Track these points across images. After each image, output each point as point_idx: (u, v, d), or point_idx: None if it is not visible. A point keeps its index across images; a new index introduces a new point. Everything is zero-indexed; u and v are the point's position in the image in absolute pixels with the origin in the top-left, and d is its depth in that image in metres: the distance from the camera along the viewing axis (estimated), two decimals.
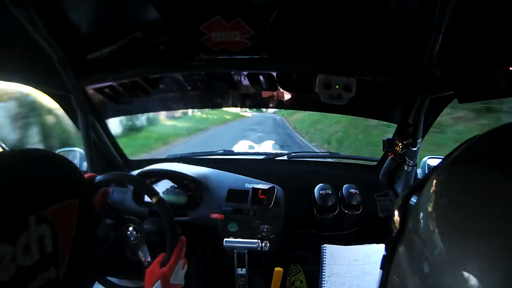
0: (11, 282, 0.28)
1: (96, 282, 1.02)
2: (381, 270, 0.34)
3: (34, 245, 0.30)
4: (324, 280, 0.89)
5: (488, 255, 0.20)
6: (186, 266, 0.80)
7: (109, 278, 1.01)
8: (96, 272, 0.98)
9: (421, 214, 0.27)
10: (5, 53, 0.82)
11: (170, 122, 10.23)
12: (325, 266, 0.90)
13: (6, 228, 0.28)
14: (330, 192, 1.17)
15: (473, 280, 0.20)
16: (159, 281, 0.71)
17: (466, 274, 0.21)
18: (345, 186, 1.19)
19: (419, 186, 0.31)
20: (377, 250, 0.92)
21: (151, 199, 0.88)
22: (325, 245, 0.93)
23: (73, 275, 0.35)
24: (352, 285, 0.88)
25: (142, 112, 1.57)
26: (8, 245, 0.28)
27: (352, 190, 1.18)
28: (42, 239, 0.31)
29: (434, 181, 0.28)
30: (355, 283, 0.88)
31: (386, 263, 0.32)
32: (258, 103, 1.45)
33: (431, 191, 0.28)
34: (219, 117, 12.67)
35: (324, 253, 0.92)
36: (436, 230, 0.25)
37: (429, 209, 0.27)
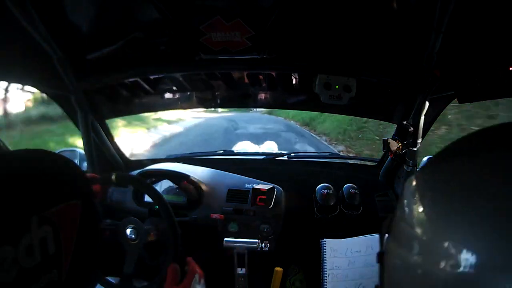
0: (13, 284, 0.27)
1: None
2: (378, 263, 0.38)
3: (36, 247, 0.30)
4: (326, 274, 0.87)
5: (467, 227, 0.25)
6: (202, 280, 0.78)
7: (109, 279, 1.01)
8: (96, 273, 0.98)
9: (405, 202, 0.32)
10: (5, 53, 0.82)
11: None
12: (325, 260, 0.88)
13: (8, 230, 0.28)
14: (332, 192, 1.17)
15: (454, 247, 0.24)
16: None
17: (448, 243, 0.25)
18: (345, 186, 1.19)
19: None
20: (380, 240, 0.89)
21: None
22: (324, 239, 0.91)
23: (76, 277, 0.35)
24: (356, 276, 0.86)
25: (142, 112, 1.57)
26: (10, 247, 0.27)
27: (352, 190, 1.18)
28: (44, 241, 0.31)
29: (416, 175, 0.33)
30: (358, 274, 0.86)
31: (381, 256, 0.37)
32: (258, 103, 1.45)
33: (413, 184, 0.32)
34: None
35: (324, 248, 0.90)
36: (421, 213, 0.29)
37: (413, 198, 0.31)
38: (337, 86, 0.98)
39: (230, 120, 9.39)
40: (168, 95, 1.37)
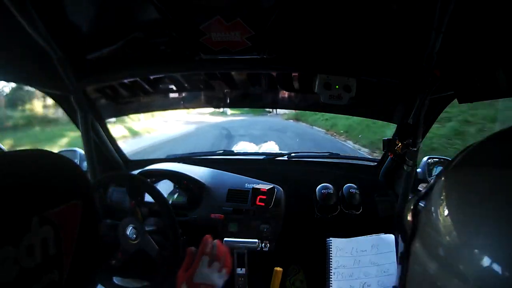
0: (13, 284, 0.27)
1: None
2: (400, 265, 0.37)
3: (37, 247, 0.30)
4: (331, 272, 0.88)
5: (494, 234, 0.24)
6: (216, 263, 0.76)
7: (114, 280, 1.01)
8: (97, 273, 0.98)
9: (433, 209, 0.31)
10: (5, 53, 0.82)
11: None
12: (331, 259, 0.90)
13: (9, 230, 0.28)
14: (332, 192, 1.17)
15: (482, 255, 0.24)
16: (184, 283, 0.71)
17: (477, 251, 0.24)
18: (345, 186, 1.19)
19: (426, 193, 0.34)
20: (385, 240, 0.91)
21: None
22: (330, 238, 0.92)
23: (77, 277, 0.34)
24: (360, 275, 0.88)
25: (142, 112, 1.57)
26: (10, 247, 0.27)
27: (353, 190, 1.18)
28: (45, 241, 0.30)
29: (441, 182, 0.32)
30: (363, 273, 0.88)
31: (404, 258, 0.36)
32: (258, 103, 1.45)
33: (440, 190, 0.31)
34: None
35: (330, 247, 0.91)
36: (448, 220, 0.28)
37: (440, 205, 0.30)
38: (337, 86, 0.98)
39: (226, 136, 6.78)
40: (168, 95, 1.37)
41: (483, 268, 0.23)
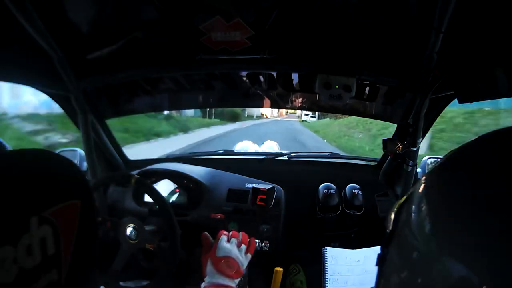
0: (13, 284, 0.27)
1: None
2: (377, 267, 0.37)
3: (36, 247, 0.30)
4: (327, 279, 0.92)
5: (471, 240, 0.23)
6: (234, 240, 0.85)
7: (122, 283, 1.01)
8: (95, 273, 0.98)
9: (413, 208, 0.29)
10: (5, 53, 0.82)
11: None
12: (327, 267, 0.94)
13: (7, 230, 0.28)
14: (334, 192, 1.18)
15: (457, 263, 0.23)
16: (209, 259, 0.78)
17: (451, 259, 0.23)
18: (348, 186, 1.20)
19: (410, 195, 0.32)
20: (377, 252, 0.95)
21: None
22: (326, 248, 0.96)
23: (75, 276, 0.34)
24: (355, 282, 0.91)
25: (142, 112, 1.57)
26: (9, 247, 0.27)
27: (355, 191, 1.18)
28: (44, 241, 0.30)
29: (423, 183, 0.30)
30: (358, 281, 0.92)
31: (381, 260, 0.35)
32: (257, 103, 1.45)
33: (421, 190, 0.30)
34: None
35: (326, 255, 0.95)
36: (426, 223, 0.27)
37: (420, 205, 0.29)
38: (337, 86, 0.98)
39: None
40: (168, 95, 1.37)
41: (454, 279, 0.22)
